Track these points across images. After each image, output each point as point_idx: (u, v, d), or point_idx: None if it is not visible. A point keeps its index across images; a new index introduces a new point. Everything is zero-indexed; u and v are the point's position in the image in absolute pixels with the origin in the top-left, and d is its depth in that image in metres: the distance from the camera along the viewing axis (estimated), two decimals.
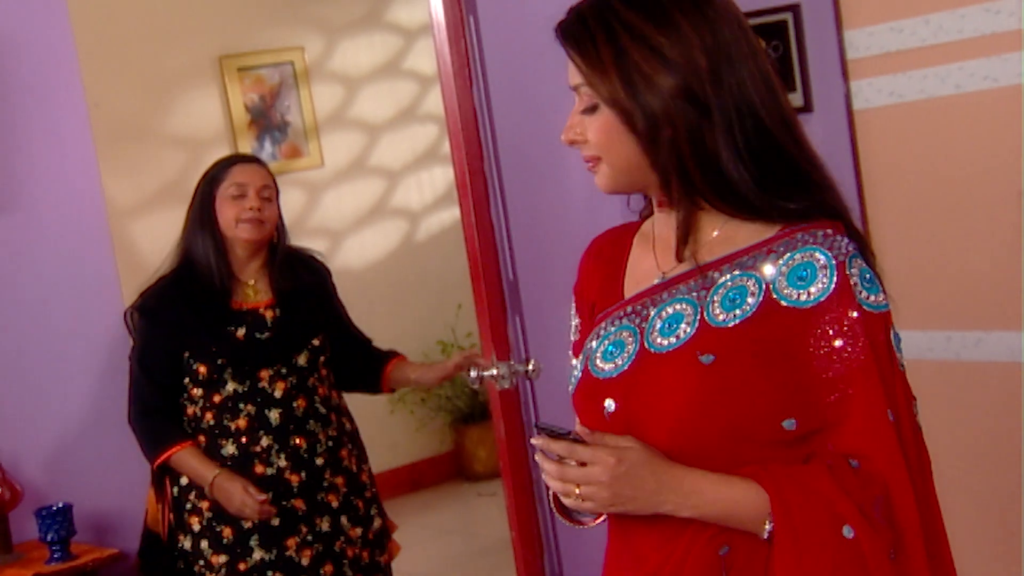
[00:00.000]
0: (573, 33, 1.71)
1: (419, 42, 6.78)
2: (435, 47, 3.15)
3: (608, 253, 1.90)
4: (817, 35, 3.15)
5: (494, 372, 3.07)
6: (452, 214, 6.67)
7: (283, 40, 6.45)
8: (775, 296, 1.66)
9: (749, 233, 1.71)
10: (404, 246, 6.86)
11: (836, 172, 1.76)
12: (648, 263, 1.81)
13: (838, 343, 1.63)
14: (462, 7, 3.07)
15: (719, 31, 1.68)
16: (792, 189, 1.69)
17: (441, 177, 6.89)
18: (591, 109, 1.71)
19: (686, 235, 1.73)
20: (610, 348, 1.77)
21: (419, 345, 6.54)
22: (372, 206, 6.77)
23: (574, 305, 1.95)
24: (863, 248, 1.71)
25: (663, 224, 1.80)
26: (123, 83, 5.82)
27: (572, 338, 1.95)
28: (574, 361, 1.88)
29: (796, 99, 3.17)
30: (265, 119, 6.38)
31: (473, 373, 3.10)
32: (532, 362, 3.06)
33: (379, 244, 6.79)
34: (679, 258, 1.74)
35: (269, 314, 3.47)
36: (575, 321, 1.94)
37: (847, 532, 1.58)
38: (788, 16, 3.18)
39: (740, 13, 1.73)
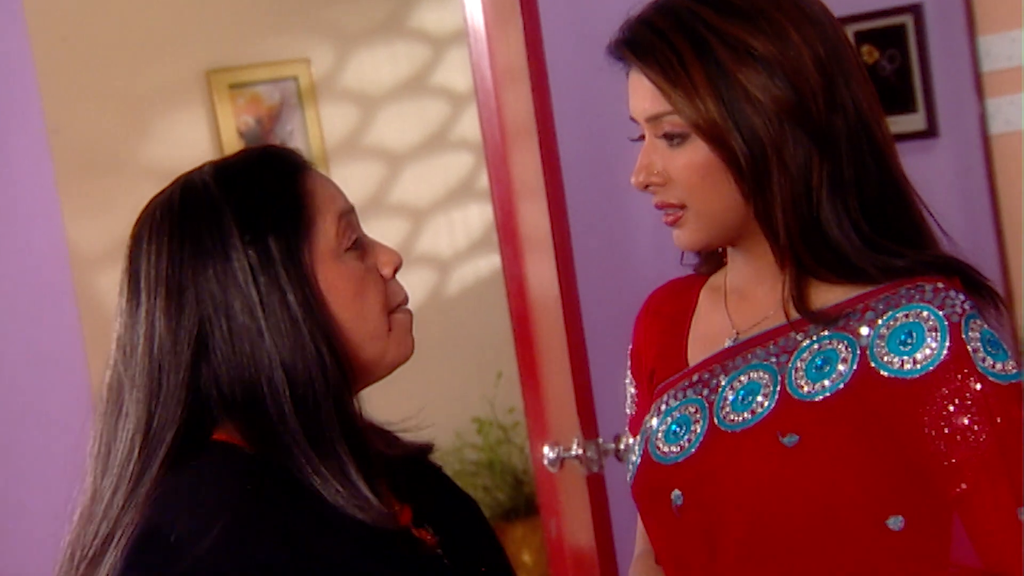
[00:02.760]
0: (646, 48, 1.67)
1: (450, 52, 6.80)
2: (471, 58, 3.16)
3: (668, 310, 1.89)
4: (944, 42, 3.16)
5: (579, 452, 2.94)
6: (491, 262, 6.67)
7: (285, 51, 6.48)
8: (873, 364, 1.64)
9: (842, 287, 1.69)
10: (432, 300, 6.85)
11: (969, 209, 1.77)
12: (719, 320, 1.80)
13: (962, 421, 1.59)
14: (505, 8, 3.03)
15: (828, 40, 1.66)
16: (904, 241, 1.67)
17: (477, 217, 6.90)
18: (676, 141, 1.67)
19: (800, 296, 1.69)
20: (673, 427, 1.75)
21: (450, 422, 6.49)
22: None
23: (629, 372, 1.95)
24: (992, 307, 1.69)
25: (738, 273, 1.79)
26: (90, 104, 5.85)
27: (628, 412, 1.94)
28: (631, 441, 1.88)
29: (918, 121, 3.16)
30: None
31: (552, 453, 2.96)
32: (623, 440, 2.92)
33: None
34: (799, 315, 1.70)
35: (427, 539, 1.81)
36: (631, 391, 1.94)
37: None
38: (907, 19, 3.18)
39: (838, 21, 1.72)
